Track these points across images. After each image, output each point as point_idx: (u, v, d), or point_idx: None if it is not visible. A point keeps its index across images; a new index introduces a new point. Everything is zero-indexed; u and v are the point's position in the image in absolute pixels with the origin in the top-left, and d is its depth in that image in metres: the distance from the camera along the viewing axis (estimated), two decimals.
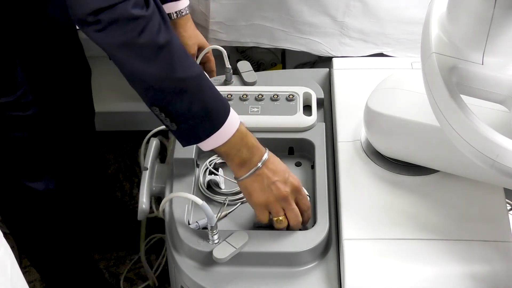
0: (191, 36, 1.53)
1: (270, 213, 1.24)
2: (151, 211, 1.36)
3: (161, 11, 1.11)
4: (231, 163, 1.22)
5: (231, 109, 1.19)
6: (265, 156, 1.22)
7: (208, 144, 1.19)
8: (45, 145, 1.57)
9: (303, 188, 1.26)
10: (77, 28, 1.59)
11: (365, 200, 1.28)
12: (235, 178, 1.24)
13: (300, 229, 1.25)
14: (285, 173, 1.23)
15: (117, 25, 1.05)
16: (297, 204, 1.24)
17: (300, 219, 1.24)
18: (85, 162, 1.92)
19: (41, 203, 1.60)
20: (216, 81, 1.51)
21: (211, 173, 1.37)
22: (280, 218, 1.23)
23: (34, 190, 1.56)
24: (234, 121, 1.19)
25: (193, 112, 1.15)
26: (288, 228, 1.25)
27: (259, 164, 1.21)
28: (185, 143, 1.21)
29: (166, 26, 1.10)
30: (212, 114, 1.16)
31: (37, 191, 1.57)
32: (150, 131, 1.49)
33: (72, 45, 1.62)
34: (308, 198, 1.28)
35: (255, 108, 1.43)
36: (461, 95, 1.08)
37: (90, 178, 1.96)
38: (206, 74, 1.19)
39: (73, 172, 1.94)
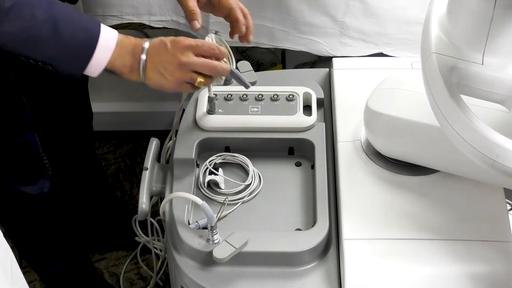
0: None
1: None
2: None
3: None
4: (123, 75, 1.18)
5: (102, 29, 1.14)
6: (145, 45, 1.17)
7: (92, 71, 1.15)
8: (40, 150, 1.56)
9: (197, 39, 1.20)
10: None
11: (365, 200, 1.28)
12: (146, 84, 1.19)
13: (239, 77, 1.24)
14: (165, 45, 1.17)
15: None
16: (205, 56, 1.19)
17: (213, 63, 1.18)
18: (83, 164, 1.92)
19: (36, 207, 1.60)
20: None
21: (211, 173, 1.37)
22: (199, 79, 1.19)
23: (28, 194, 1.55)
24: (109, 39, 1.15)
25: (56, 54, 1.12)
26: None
27: (143, 57, 1.16)
28: (71, 77, 1.17)
29: None
30: (78, 47, 1.13)
31: (31, 195, 1.56)
32: (150, 131, 1.49)
33: None
34: (226, 46, 1.24)
35: (255, 108, 1.43)
36: (461, 95, 1.08)
37: (89, 179, 1.96)
38: (60, 7, 1.12)
39: (71, 174, 1.94)
